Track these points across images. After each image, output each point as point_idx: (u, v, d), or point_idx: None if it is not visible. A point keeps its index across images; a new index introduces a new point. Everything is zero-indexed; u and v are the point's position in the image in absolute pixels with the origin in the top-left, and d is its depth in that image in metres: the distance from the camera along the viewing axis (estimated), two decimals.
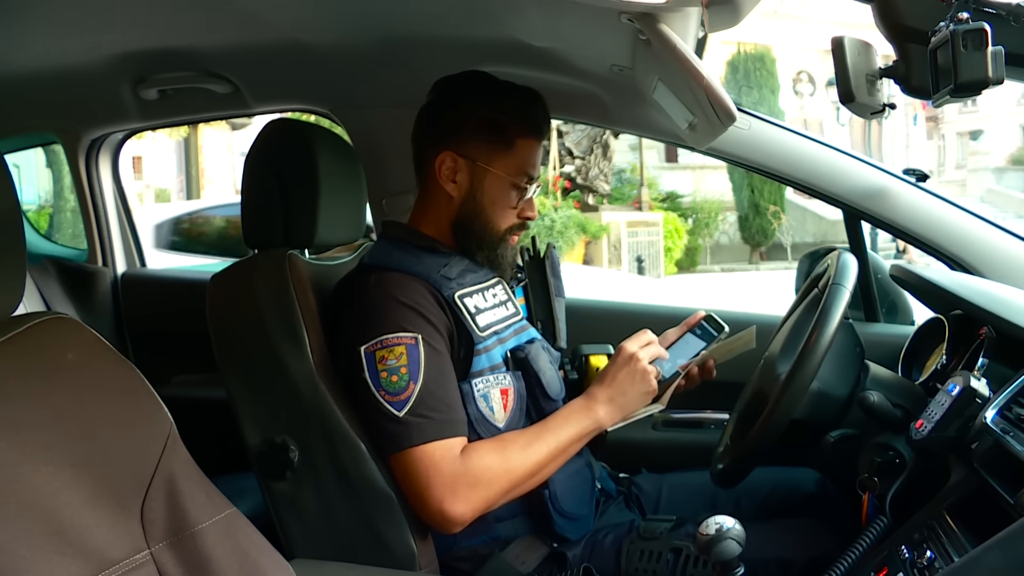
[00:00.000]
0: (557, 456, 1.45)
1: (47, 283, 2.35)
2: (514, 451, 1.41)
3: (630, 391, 1.47)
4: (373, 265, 1.52)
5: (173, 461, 1.02)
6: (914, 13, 1.07)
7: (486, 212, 1.53)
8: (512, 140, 1.51)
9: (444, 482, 1.36)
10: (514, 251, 1.60)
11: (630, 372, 1.47)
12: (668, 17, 1.16)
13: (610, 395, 1.47)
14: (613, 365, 1.49)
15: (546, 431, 1.45)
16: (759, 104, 16.08)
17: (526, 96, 1.54)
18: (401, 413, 1.37)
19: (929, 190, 1.87)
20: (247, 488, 1.53)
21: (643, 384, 1.47)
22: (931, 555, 1.11)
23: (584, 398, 1.49)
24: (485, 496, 1.38)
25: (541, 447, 1.43)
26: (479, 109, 1.51)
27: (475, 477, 1.37)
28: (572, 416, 1.47)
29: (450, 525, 1.38)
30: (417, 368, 1.38)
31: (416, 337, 1.40)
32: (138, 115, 2.22)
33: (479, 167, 1.51)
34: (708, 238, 17.04)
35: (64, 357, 0.98)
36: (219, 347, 1.51)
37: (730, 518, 1.14)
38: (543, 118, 1.56)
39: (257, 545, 1.08)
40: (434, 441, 1.37)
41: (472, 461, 1.38)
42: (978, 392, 1.22)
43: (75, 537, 0.89)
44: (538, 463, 1.43)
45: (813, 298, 1.58)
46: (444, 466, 1.36)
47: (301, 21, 1.65)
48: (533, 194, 1.56)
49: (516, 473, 1.41)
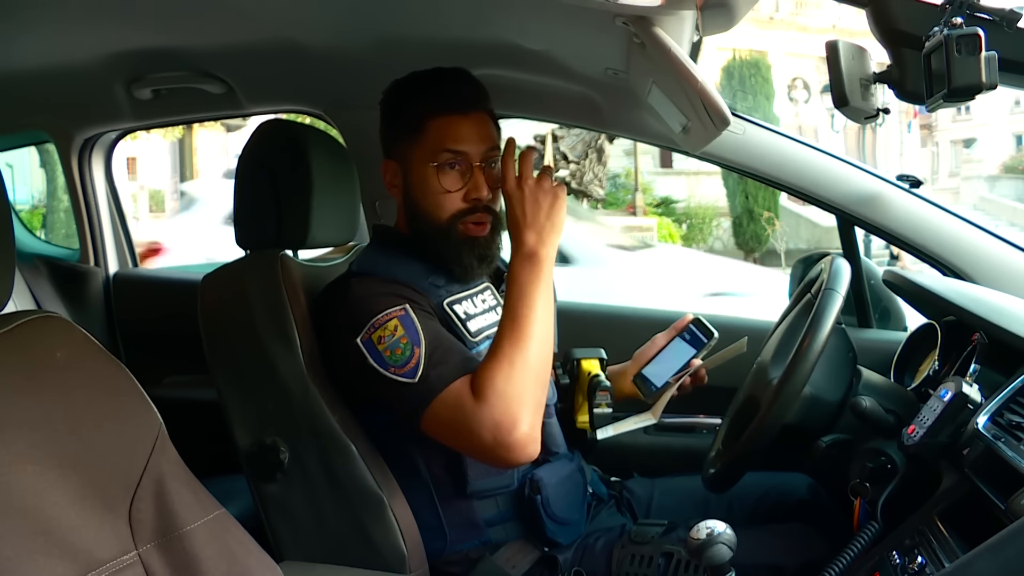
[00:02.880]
0: (542, 323, 1.38)
1: (38, 282, 2.34)
2: (508, 350, 1.35)
3: (541, 211, 1.39)
4: (359, 272, 1.51)
5: (162, 462, 1.01)
6: (908, 18, 1.07)
7: (421, 206, 1.49)
8: (422, 123, 1.46)
9: (482, 414, 1.31)
10: (481, 243, 1.49)
11: (530, 196, 1.39)
12: (663, 20, 1.16)
13: (520, 228, 1.39)
14: (508, 207, 1.41)
15: (513, 313, 1.38)
16: (754, 110, 16.10)
17: (439, 77, 1.49)
18: (416, 377, 1.34)
19: (923, 196, 1.88)
20: (237, 490, 1.53)
21: (548, 197, 1.39)
22: (922, 560, 1.11)
23: (514, 256, 1.41)
24: (525, 406, 1.32)
25: (525, 328, 1.36)
26: (395, 107, 1.50)
27: (502, 394, 1.31)
28: (523, 286, 1.38)
29: (519, 451, 1.32)
30: (416, 333, 1.36)
31: (404, 307, 1.38)
32: (131, 115, 2.22)
33: (404, 163, 1.49)
34: (702, 243, 17.05)
35: (52, 356, 0.97)
36: (210, 348, 1.51)
37: (721, 523, 1.14)
38: (456, 91, 1.47)
39: (246, 547, 1.07)
40: (458, 379, 1.34)
41: (487, 386, 1.32)
42: (970, 398, 1.22)
43: (61, 538, 0.89)
44: (533, 341, 1.36)
45: (806, 303, 1.58)
46: (471, 401, 1.32)
47: (295, 22, 1.65)
48: (477, 168, 1.46)
49: (528, 366, 1.35)
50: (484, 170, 1.47)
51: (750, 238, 16.36)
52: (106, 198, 2.57)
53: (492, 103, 1.53)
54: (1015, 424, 1.16)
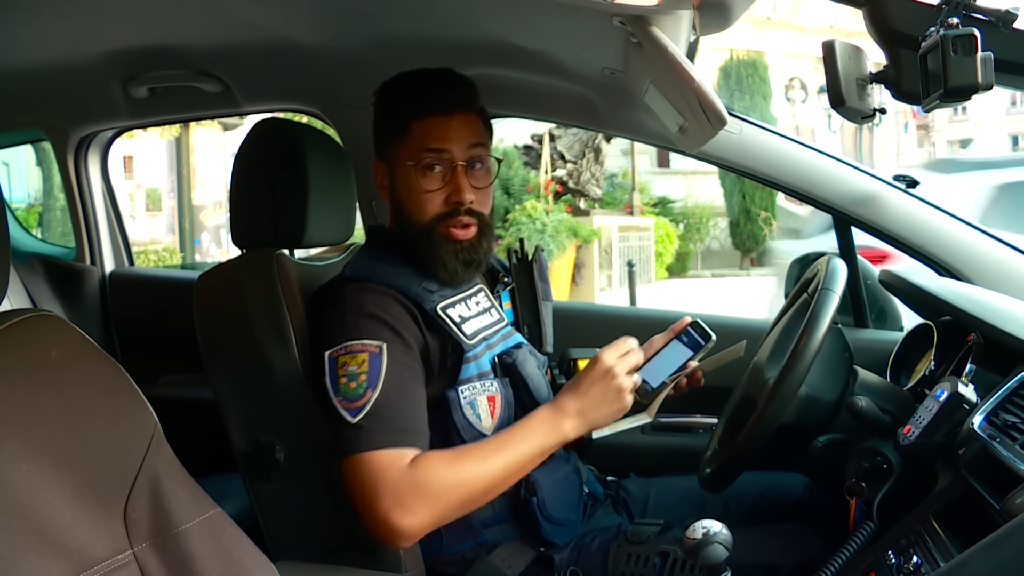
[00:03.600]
0: (517, 471, 1.38)
1: (34, 281, 2.33)
2: (469, 463, 1.35)
3: (602, 407, 1.41)
4: (353, 276, 1.50)
5: (157, 461, 1.01)
6: (905, 18, 1.07)
7: (405, 208, 1.48)
8: (406, 124, 1.45)
9: (390, 490, 1.29)
10: (463, 245, 1.47)
11: (604, 388, 1.40)
12: (660, 20, 1.16)
13: (580, 408, 1.40)
14: (587, 376, 1.41)
15: (507, 444, 1.38)
16: (751, 110, 16.08)
17: (421, 77, 1.48)
18: (354, 419, 1.33)
19: (919, 196, 1.88)
20: (233, 489, 1.53)
21: (616, 401, 1.41)
22: (917, 560, 1.11)
23: (551, 408, 1.42)
24: (433, 509, 1.31)
25: (498, 460, 1.36)
26: (384, 108, 1.49)
27: (423, 488, 1.30)
28: (537, 428, 1.40)
29: (397, 538, 1.31)
30: (377, 377, 1.34)
31: (381, 346, 1.36)
32: (128, 113, 2.22)
33: (391, 165, 1.49)
34: (699, 243, 17.07)
35: (48, 354, 0.97)
36: (206, 347, 1.50)
37: (718, 522, 1.14)
38: (441, 93, 1.45)
39: (242, 546, 1.07)
40: (384, 449, 1.32)
41: (421, 471, 1.31)
42: (965, 398, 1.22)
43: (56, 537, 0.88)
44: (494, 477, 1.36)
45: (802, 303, 1.58)
46: (392, 474, 1.30)
47: (292, 21, 1.64)
48: (457, 170, 1.44)
49: (469, 487, 1.34)
50: (468, 171, 1.46)
51: (747, 238, 16.38)
52: (102, 197, 2.57)
53: (489, 102, 1.53)
54: (1010, 424, 1.16)
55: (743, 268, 16.69)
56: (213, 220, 14.15)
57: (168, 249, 12.63)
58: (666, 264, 14.71)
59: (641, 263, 13.25)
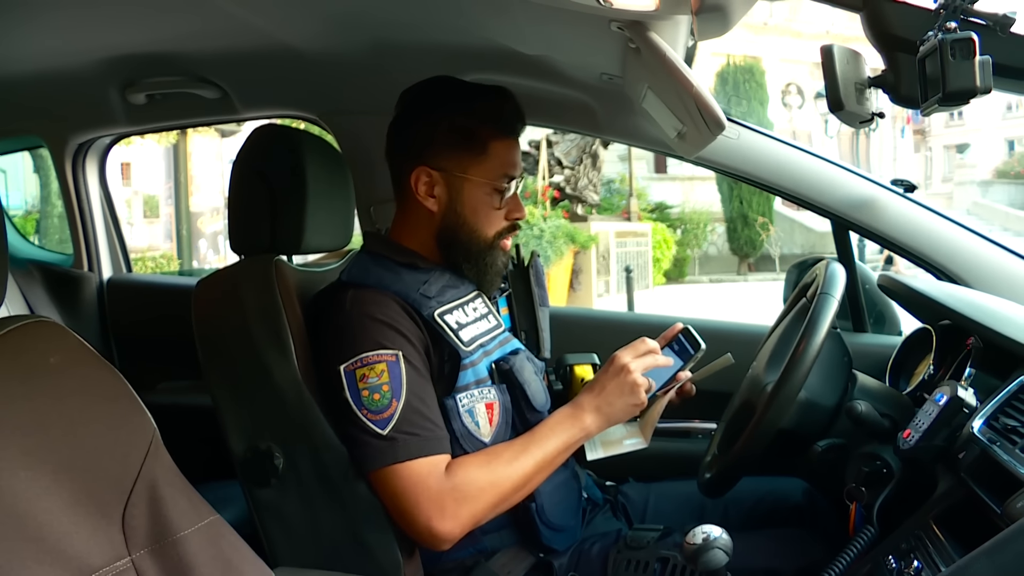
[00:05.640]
0: (545, 467, 1.43)
1: (32, 288, 2.32)
2: (501, 464, 1.39)
3: (617, 402, 1.45)
4: (350, 282, 1.50)
5: (156, 467, 1.01)
6: (902, 22, 1.07)
7: (469, 222, 1.50)
8: (485, 144, 1.48)
9: (431, 499, 1.33)
10: (506, 257, 1.56)
11: (620, 384, 1.45)
12: (658, 25, 1.16)
13: (597, 404, 1.45)
14: (604, 374, 1.47)
15: (532, 443, 1.43)
16: (748, 115, 16.14)
17: (495, 96, 1.50)
18: (385, 431, 1.34)
19: (917, 201, 1.88)
20: (231, 496, 1.52)
21: (632, 396, 1.45)
22: (918, 565, 1.11)
23: (571, 407, 1.47)
24: (473, 511, 1.36)
25: (528, 459, 1.41)
26: (448, 118, 1.48)
27: (462, 493, 1.35)
28: (559, 426, 1.45)
29: (439, 543, 1.35)
30: (399, 385, 1.36)
31: (397, 354, 1.38)
32: (126, 120, 2.21)
33: (456, 177, 1.48)
34: (696, 249, 17.11)
35: (46, 361, 0.97)
36: (204, 353, 1.50)
37: (717, 528, 1.14)
38: (515, 116, 1.52)
39: (240, 553, 1.07)
40: (420, 458, 1.35)
41: (459, 477, 1.36)
42: (965, 402, 1.22)
43: (54, 544, 0.88)
44: (525, 475, 1.41)
45: (801, 308, 1.58)
46: (431, 482, 1.34)
47: (290, 27, 1.64)
48: (516, 190, 1.53)
49: (503, 486, 1.39)
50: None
51: (745, 243, 16.42)
52: (100, 203, 2.57)
53: None
54: (1010, 428, 1.16)
55: (740, 274, 16.72)
56: (211, 227, 14.13)
57: (166, 256, 12.62)
58: (664, 270, 14.74)
59: (639, 269, 13.27)
